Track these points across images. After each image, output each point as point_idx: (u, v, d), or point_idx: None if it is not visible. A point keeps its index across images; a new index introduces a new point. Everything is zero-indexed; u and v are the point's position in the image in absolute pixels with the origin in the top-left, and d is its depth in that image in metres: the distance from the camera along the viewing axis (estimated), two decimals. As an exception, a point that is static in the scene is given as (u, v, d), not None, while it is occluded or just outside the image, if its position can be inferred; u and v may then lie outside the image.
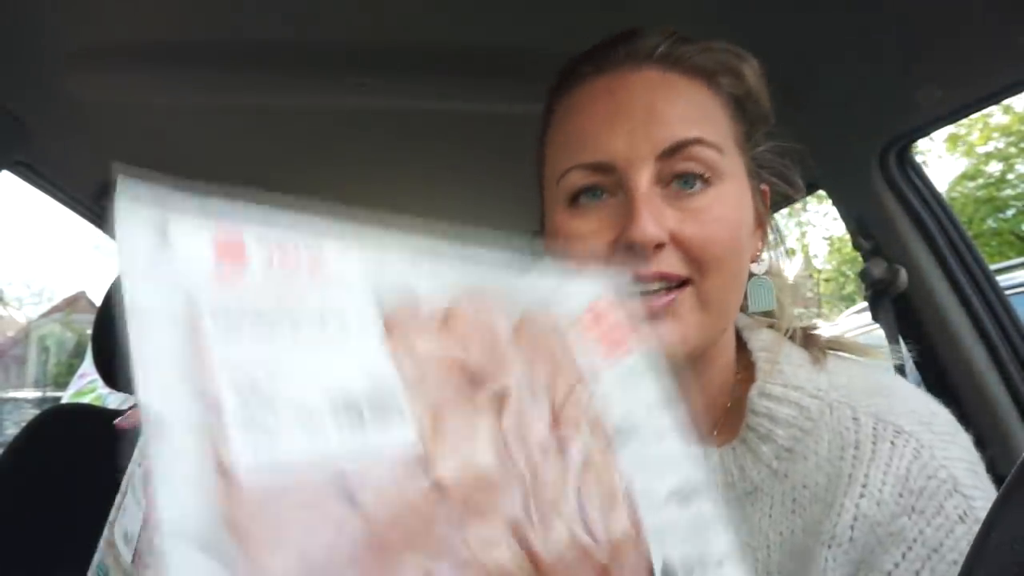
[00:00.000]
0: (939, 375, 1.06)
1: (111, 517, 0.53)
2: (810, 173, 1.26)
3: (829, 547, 0.41)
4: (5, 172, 0.97)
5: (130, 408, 0.99)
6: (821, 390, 0.47)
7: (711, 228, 0.45)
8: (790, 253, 0.56)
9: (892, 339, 1.10)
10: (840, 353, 0.52)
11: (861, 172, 1.06)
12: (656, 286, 0.45)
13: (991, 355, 1.02)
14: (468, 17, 0.85)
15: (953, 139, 8.09)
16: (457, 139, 1.19)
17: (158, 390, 0.22)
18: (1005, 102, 7.00)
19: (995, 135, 7.95)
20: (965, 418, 1.03)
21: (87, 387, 2.38)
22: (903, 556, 0.40)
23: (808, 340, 0.52)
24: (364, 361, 0.23)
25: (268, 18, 0.84)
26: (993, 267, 1.15)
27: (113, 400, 1.72)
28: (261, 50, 0.89)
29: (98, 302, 0.95)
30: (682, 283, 0.45)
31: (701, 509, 0.29)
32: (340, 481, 0.21)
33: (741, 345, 0.52)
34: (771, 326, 0.52)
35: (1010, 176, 8.15)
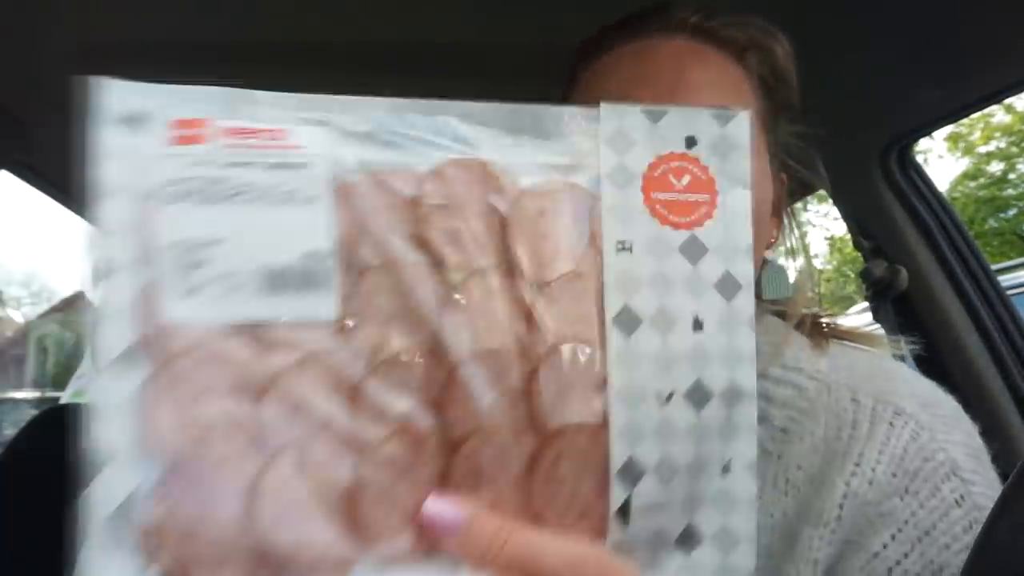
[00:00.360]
0: (940, 375, 1.06)
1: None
2: (810, 173, 1.26)
3: (815, 527, 0.40)
4: (5, 172, 0.96)
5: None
6: (820, 372, 0.46)
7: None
8: (790, 253, 0.55)
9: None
10: (845, 342, 0.51)
11: (861, 172, 1.06)
12: None
13: (992, 355, 1.02)
14: (468, 17, 0.85)
15: (954, 138, 8.08)
16: (457, 139, 1.19)
17: (111, 243, 0.27)
18: (1006, 102, 7.01)
19: (996, 135, 7.95)
20: (966, 418, 1.04)
21: (86, 387, 2.39)
22: (892, 537, 0.38)
23: (815, 328, 0.51)
24: (303, 234, 0.26)
25: (268, 18, 0.84)
26: (995, 267, 1.15)
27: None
28: (261, 50, 0.89)
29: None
30: None
31: (719, 414, 0.30)
32: (254, 343, 0.25)
33: None
34: (780, 313, 0.51)
35: (1012, 176, 8.15)
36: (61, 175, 1.13)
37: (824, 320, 0.52)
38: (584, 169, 0.30)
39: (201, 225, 0.26)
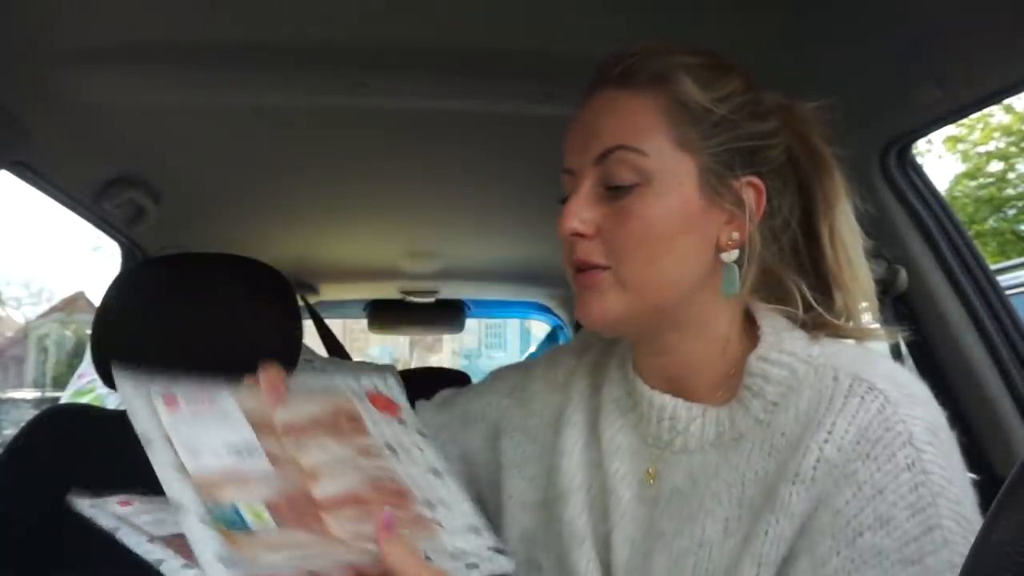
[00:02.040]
0: (939, 375, 1.06)
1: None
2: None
3: (794, 483, 0.48)
4: (5, 172, 0.96)
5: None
6: (812, 356, 0.53)
7: (631, 226, 0.53)
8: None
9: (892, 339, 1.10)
10: (838, 335, 0.58)
11: (861, 172, 1.06)
12: (583, 266, 0.55)
13: (992, 355, 1.02)
14: (469, 17, 0.85)
15: (952, 141, 8.09)
16: (457, 139, 1.19)
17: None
18: (1005, 102, 7.01)
19: (996, 135, 7.95)
20: (965, 418, 1.04)
21: (86, 387, 2.37)
22: (853, 495, 0.46)
23: (817, 326, 0.58)
24: (239, 437, 0.54)
25: (268, 18, 0.84)
26: (994, 267, 1.15)
27: (112, 400, 1.71)
28: (261, 50, 0.89)
29: (97, 302, 0.95)
30: (604, 268, 0.55)
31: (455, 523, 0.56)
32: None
33: (754, 326, 0.59)
34: (789, 316, 0.58)
35: (1011, 175, 8.16)
36: (61, 175, 1.13)
37: (823, 320, 0.58)
38: None
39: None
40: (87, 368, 2.43)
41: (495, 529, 0.60)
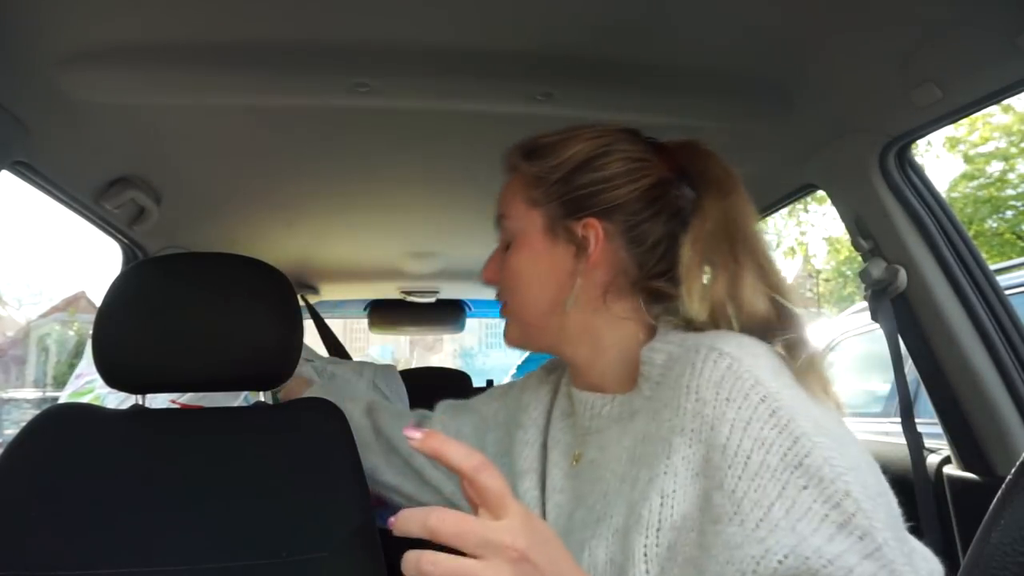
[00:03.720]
0: (939, 375, 1.06)
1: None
2: (809, 173, 1.26)
3: (680, 436, 0.58)
4: (5, 172, 0.97)
5: (132, 407, 0.99)
6: (684, 339, 0.64)
7: (508, 271, 0.74)
8: (789, 253, 0.62)
9: (891, 339, 1.10)
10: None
11: (860, 172, 1.06)
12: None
13: (991, 355, 1.02)
14: (469, 17, 0.85)
15: (952, 141, 8.08)
16: (458, 139, 1.19)
17: None
18: (1005, 102, 6.99)
19: (995, 135, 7.94)
20: (965, 418, 1.04)
21: (84, 388, 2.36)
22: (729, 431, 0.55)
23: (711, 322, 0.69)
24: None
25: (268, 18, 0.84)
26: (993, 267, 1.15)
27: (112, 400, 1.71)
28: (261, 50, 0.89)
29: (98, 302, 0.95)
30: (505, 303, 0.76)
31: None
32: None
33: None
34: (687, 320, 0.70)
35: (1011, 176, 8.15)
36: (62, 175, 1.13)
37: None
38: None
39: None
40: (85, 368, 2.42)
41: None
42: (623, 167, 0.70)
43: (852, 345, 2.70)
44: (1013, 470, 0.31)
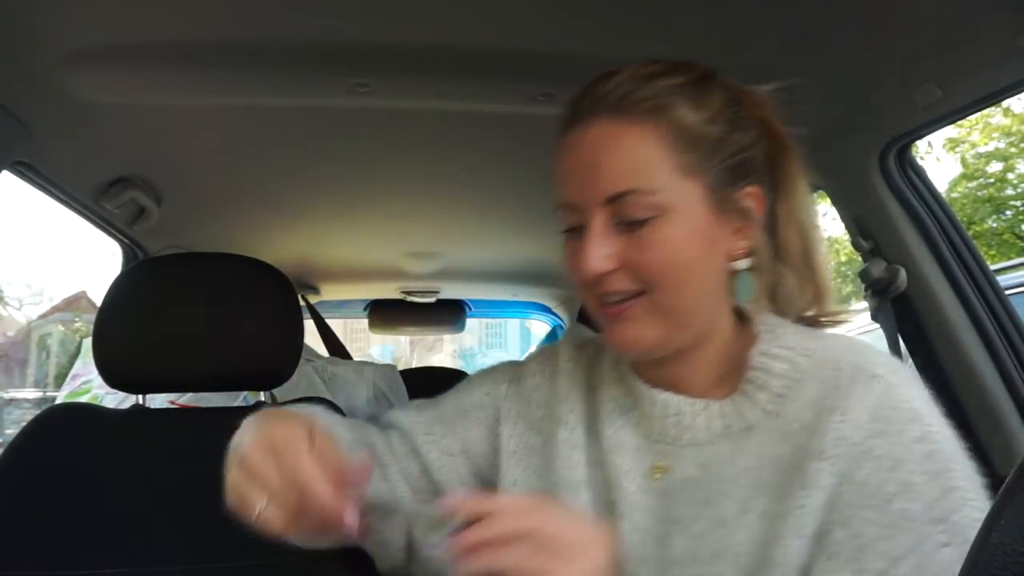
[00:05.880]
0: (939, 375, 1.06)
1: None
2: (809, 173, 1.26)
3: (819, 461, 0.51)
4: (5, 172, 0.96)
5: (132, 407, 0.99)
6: (809, 350, 0.57)
7: (655, 254, 0.55)
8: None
9: (891, 339, 1.10)
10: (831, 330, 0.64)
11: (861, 172, 1.06)
12: (614, 297, 0.56)
13: (991, 355, 1.02)
14: (469, 17, 0.85)
15: (952, 142, 8.08)
16: (457, 139, 1.19)
17: None
18: (1004, 104, 6.99)
19: (995, 135, 7.94)
20: (965, 418, 1.04)
21: (81, 388, 2.36)
22: (873, 469, 0.49)
23: (810, 321, 0.63)
24: None
25: (268, 19, 0.84)
26: (993, 267, 1.15)
27: (111, 400, 1.71)
28: (261, 50, 0.89)
29: (98, 302, 0.95)
30: (638, 294, 0.56)
31: None
32: None
33: (746, 322, 0.62)
34: (777, 313, 0.62)
35: (1010, 176, 8.15)
36: (62, 175, 1.13)
37: (821, 317, 0.64)
38: None
39: None
40: (81, 369, 2.42)
41: None
42: (754, 128, 0.59)
43: (852, 345, 2.70)
44: (1013, 470, 0.31)
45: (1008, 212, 8.36)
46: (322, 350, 2.06)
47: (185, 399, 1.42)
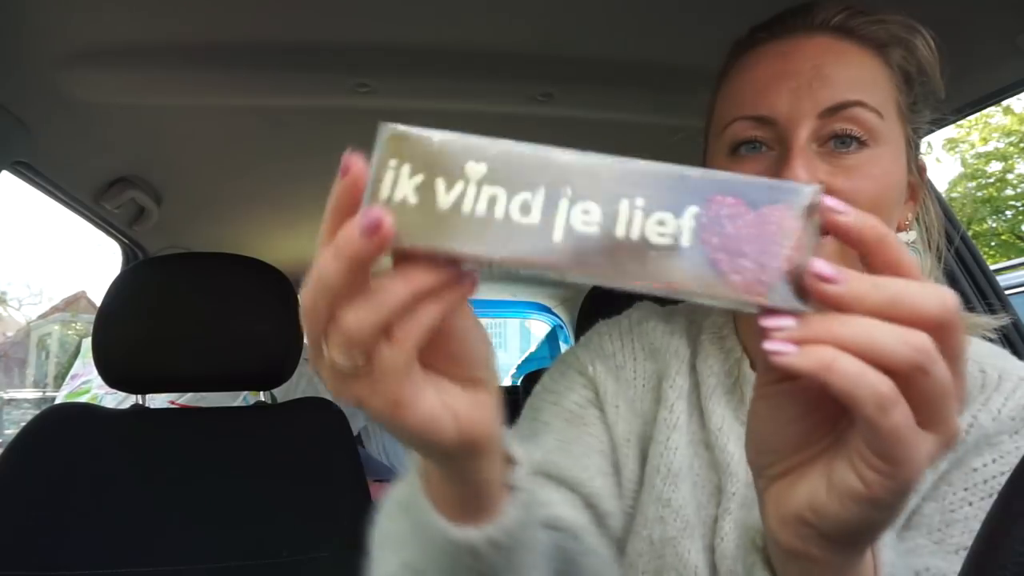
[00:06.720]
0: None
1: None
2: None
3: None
4: (5, 172, 0.97)
5: (132, 407, 0.99)
6: None
7: (860, 184, 0.48)
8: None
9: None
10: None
11: (861, 172, 1.06)
12: None
13: (991, 355, 1.02)
14: (469, 17, 0.85)
15: (952, 142, 8.09)
16: (457, 139, 1.19)
17: None
18: (1004, 104, 7.00)
19: (995, 135, 7.95)
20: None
21: (81, 388, 2.36)
22: (993, 460, 0.48)
23: None
24: None
25: (268, 18, 0.84)
26: (993, 267, 1.15)
27: (110, 400, 1.71)
28: (261, 51, 0.89)
29: (98, 302, 0.95)
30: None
31: None
32: None
33: None
34: None
35: (1010, 176, 8.15)
36: (62, 175, 1.13)
37: None
38: None
39: None
40: (80, 369, 2.42)
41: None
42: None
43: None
44: (1013, 470, 0.31)
45: (1008, 212, 8.37)
46: (322, 350, 2.06)
47: (185, 399, 1.43)
